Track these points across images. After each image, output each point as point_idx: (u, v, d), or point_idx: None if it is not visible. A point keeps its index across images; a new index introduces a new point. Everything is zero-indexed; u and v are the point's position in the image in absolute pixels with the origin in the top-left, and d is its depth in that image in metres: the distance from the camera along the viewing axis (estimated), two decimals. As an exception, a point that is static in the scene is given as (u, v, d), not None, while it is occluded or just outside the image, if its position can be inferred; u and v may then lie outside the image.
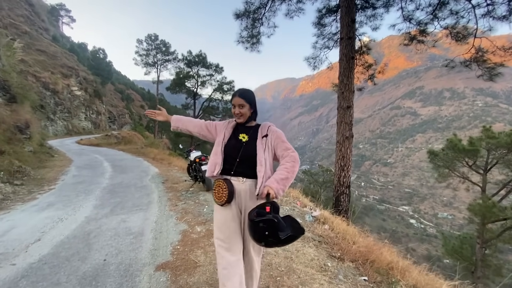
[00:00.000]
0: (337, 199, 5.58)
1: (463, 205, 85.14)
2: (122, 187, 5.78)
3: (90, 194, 5.12)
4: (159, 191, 5.47)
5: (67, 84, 28.32)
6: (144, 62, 31.62)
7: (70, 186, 5.92)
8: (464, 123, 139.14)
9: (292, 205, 4.11)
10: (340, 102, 5.58)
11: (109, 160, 10.46)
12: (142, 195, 5.07)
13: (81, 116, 30.90)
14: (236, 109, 1.66)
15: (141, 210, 4.15)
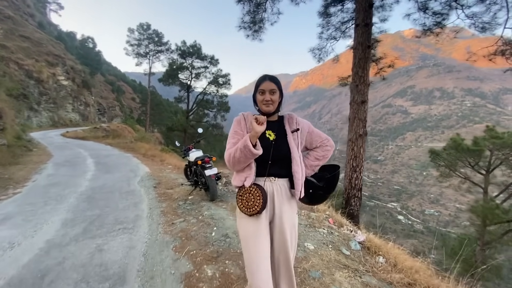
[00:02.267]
0: (347, 203, 5.10)
1: (449, 202, 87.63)
2: (104, 192, 4.78)
3: (62, 202, 4.12)
4: (149, 199, 4.48)
5: (52, 73, 26.87)
6: (135, 53, 30.35)
7: (41, 189, 4.89)
8: (452, 122, 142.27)
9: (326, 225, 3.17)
10: (354, 96, 5.05)
11: (93, 155, 9.40)
12: (128, 205, 4.06)
13: (68, 108, 29.50)
14: (267, 95, 1.40)
15: (125, 230, 3.08)
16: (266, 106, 1.42)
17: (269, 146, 1.38)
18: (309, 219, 3.28)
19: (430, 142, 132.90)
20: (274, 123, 1.49)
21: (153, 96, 43.15)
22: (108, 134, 16.93)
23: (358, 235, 2.66)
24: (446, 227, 73.27)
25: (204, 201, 4.26)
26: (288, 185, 1.43)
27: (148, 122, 35.44)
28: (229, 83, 23.15)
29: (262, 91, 1.42)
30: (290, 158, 1.40)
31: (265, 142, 1.39)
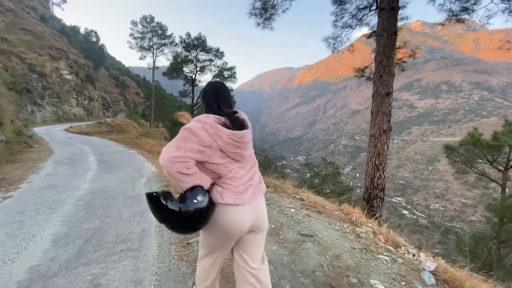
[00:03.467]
0: (368, 204, 4.69)
1: (455, 197, 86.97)
2: (105, 197, 4.21)
3: (56, 210, 3.56)
4: None
5: (56, 67, 26.60)
6: (139, 46, 29.87)
7: (35, 193, 4.33)
8: (459, 116, 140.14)
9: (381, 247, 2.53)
10: (377, 88, 4.57)
11: (96, 152, 8.88)
12: (134, 215, 3.46)
13: (72, 102, 29.32)
14: None
15: (130, 253, 2.45)
16: None
17: None
18: (358, 239, 2.75)
19: (437, 137, 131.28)
20: None
21: (157, 91, 42.83)
22: (113, 129, 16.63)
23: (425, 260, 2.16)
24: (451, 222, 72.90)
25: None
26: None
27: (152, 117, 35.17)
28: (235, 77, 22.66)
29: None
30: None
31: None
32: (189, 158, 1.19)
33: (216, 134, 1.23)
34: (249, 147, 1.36)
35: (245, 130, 1.31)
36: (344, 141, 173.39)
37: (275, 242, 2.66)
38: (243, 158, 1.34)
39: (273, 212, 3.43)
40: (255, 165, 1.44)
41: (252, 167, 1.41)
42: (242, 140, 1.28)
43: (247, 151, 1.34)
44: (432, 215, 79.09)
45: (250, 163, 1.39)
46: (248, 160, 1.38)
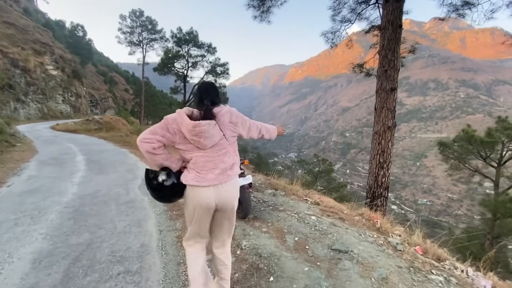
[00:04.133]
0: (372, 202, 4.56)
1: (441, 192, 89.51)
2: (96, 203, 3.72)
3: (39, 221, 3.05)
4: (157, 214, 3.37)
5: (40, 62, 25.50)
6: (128, 41, 29.01)
7: (15, 199, 3.81)
8: (446, 113, 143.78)
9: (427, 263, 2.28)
10: (382, 83, 4.42)
11: (85, 151, 8.29)
12: (130, 225, 3.02)
13: (58, 99, 28.25)
14: None
15: (128, 277, 2.04)
16: None
17: None
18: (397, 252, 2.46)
19: (424, 133, 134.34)
20: None
21: (147, 87, 41.90)
22: (101, 126, 16.01)
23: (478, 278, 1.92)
24: (438, 216, 75.07)
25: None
26: None
27: (142, 114, 34.34)
28: (228, 73, 22.30)
29: None
30: None
31: None
32: (155, 140, 1.47)
33: (181, 123, 1.46)
34: (211, 137, 1.50)
35: (209, 121, 1.48)
36: (335, 138, 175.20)
37: (305, 260, 2.23)
38: (204, 146, 1.51)
39: (292, 221, 3.12)
40: (225, 153, 1.58)
41: (220, 155, 1.56)
42: (198, 129, 1.45)
43: (207, 140, 1.49)
44: (419, 209, 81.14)
45: (216, 152, 1.55)
46: (214, 149, 1.55)
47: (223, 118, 1.55)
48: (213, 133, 1.51)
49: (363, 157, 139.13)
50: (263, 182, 4.84)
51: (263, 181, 4.87)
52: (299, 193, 4.09)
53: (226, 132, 1.57)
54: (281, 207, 3.57)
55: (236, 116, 1.63)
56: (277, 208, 3.52)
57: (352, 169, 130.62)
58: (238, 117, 1.64)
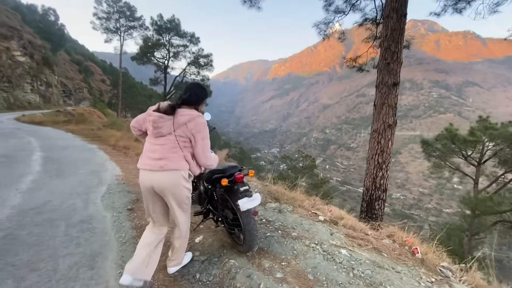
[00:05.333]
0: (369, 206, 4.42)
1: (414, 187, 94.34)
2: (38, 225, 2.90)
3: None
4: (121, 243, 2.58)
5: (6, 47, 23.36)
6: (104, 27, 27.25)
7: None
8: (420, 112, 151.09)
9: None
10: (383, 77, 4.19)
11: (45, 147, 7.30)
12: (77, 267, 2.20)
13: (26, 88, 26.11)
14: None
15: None
16: None
17: None
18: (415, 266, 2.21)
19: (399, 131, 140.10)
20: None
21: (126, 78, 40.02)
22: (71, 118, 14.83)
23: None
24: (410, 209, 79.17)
25: (227, 249, 2.34)
26: None
27: (120, 106, 32.69)
28: (211, 65, 21.65)
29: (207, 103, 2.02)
30: None
31: None
32: (135, 127, 1.92)
33: (148, 114, 1.79)
34: (159, 128, 1.72)
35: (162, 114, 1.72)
36: (316, 134, 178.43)
37: None
38: (152, 134, 1.76)
39: (317, 258, 2.21)
40: (170, 148, 1.74)
41: (163, 146, 1.74)
42: (149, 118, 1.75)
43: (155, 130, 1.73)
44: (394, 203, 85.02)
45: (161, 143, 1.74)
46: (161, 140, 1.75)
47: (181, 118, 1.72)
48: (162, 125, 1.72)
49: (342, 153, 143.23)
50: (261, 190, 4.08)
51: (261, 189, 4.12)
52: (305, 204, 3.54)
53: (177, 130, 1.73)
54: (293, 231, 2.73)
55: (195, 125, 1.74)
56: (288, 234, 2.66)
57: (331, 164, 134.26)
58: (196, 127, 1.74)
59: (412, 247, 2.70)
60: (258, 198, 2.09)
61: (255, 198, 2.07)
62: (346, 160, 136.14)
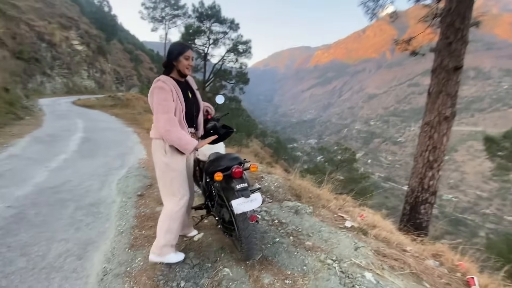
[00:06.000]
0: (413, 210, 3.71)
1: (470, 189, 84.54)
2: (49, 205, 2.90)
3: None
4: (118, 233, 2.40)
5: (66, 37, 25.73)
6: (150, 17, 28.63)
7: None
8: (485, 105, 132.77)
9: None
10: (442, 60, 3.36)
11: (88, 129, 7.76)
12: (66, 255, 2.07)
13: (83, 74, 28.69)
14: (190, 61, 1.77)
15: None
16: (188, 70, 1.81)
17: (193, 103, 1.84)
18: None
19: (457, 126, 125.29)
20: (185, 83, 1.86)
21: (169, 66, 41.78)
22: (118, 103, 15.84)
23: None
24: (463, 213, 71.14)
25: (226, 254, 2.01)
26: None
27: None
28: (250, 51, 21.21)
29: (188, 57, 1.75)
30: (200, 109, 1.95)
31: (189, 99, 1.82)
32: None
33: None
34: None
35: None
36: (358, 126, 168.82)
37: None
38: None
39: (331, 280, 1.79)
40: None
41: None
42: None
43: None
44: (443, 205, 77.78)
45: None
46: None
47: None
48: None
49: (387, 147, 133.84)
50: (282, 184, 3.58)
51: (282, 184, 3.62)
52: (331, 205, 2.96)
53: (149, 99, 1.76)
54: (308, 239, 2.26)
55: (150, 91, 1.71)
56: (301, 242, 2.21)
57: (374, 159, 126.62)
58: (151, 93, 1.70)
59: (467, 275, 2.01)
60: (257, 200, 1.69)
61: (254, 199, 1.67)
62: (392, 155, 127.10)
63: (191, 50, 1.78)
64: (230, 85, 24.34)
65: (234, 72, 23.52)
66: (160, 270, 1.81)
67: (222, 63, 23.63)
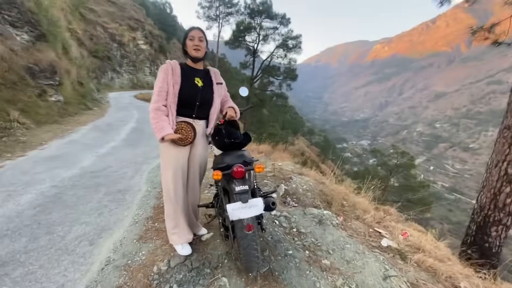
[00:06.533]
0: (481, 231, 3.00)
1: None
2: (85, 188, 3.14)
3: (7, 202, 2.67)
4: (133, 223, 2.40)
5: (133, 37, 28.66)
6: (206, 16, 29.91)
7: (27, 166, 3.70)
8: None
9: None
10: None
11: (140, 120, 8.38)
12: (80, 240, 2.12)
13: (146, 71, 31.66)
14: (196, 41, 1.67)
15: None
16: (196, 51, 1.67)
17: (197, 91, 1.70)
18: None
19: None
20: (201, 72, 1.77)
21: (221, 63, 43.41)
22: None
23: None
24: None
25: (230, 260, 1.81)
26: (204, 126, 1.81)
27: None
28: (300, 47, 20.56)
29: (192, 38, 1.67)
30: (212, 103, 1.78)
31: (194, 87, 1.70)
32: None
33: None
34: None
35: None
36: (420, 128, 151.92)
37: None
38: None
39: None
40: None
41: None
42: None
43: None
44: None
45: None
46: None
47: None
48: None
49: (454, 154, 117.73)
50: (312, 188, 3.20)
51: (312, 187, 3.23)
52: (367, 217, 2.49)
53: None
54: (326, 256, 1.90)
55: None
56: (317, 259, 1.86)
57: (438, 166, 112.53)
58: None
59: None
60: (258, 206, 1.44)
61: (254, 206, 1.43)
62: (460, 164, 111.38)
63: (198, 31, 1.69)
64: (277, 82, 24.09)
65: (282, 68, 23.18)
66: (158, 269, 1.71)
67: (270, 59, 23.47)
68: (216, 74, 1.86)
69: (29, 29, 7.89)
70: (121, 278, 1.66)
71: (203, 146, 1.84)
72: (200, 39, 1.67)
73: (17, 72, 6.50)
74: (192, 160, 1.80)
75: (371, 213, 2.64)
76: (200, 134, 1.76)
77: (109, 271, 1.74)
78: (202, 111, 1.74)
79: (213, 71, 1.86)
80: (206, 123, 1.81)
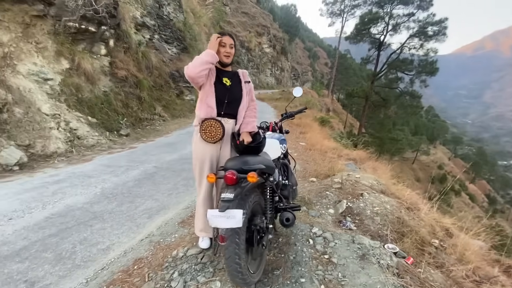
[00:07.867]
0: None
1: None
2: (174, 172, 3.77)
3: (124, 173, 3.60)
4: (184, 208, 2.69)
5: (259, 42, 31.72)
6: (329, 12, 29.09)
7: (150, 148, 4.86)
8: None
9: None
10: None
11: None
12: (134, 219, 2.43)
13: (267, 72, 34.39)
14: (227, 48, 1.74)
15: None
16: (226, 57, 1.76)
17: (226, 90, 1.76)
18: None
19: None
20: (229, 73, 1.87)
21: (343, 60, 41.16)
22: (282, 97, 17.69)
23: None
24: None
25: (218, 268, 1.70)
26: (233, 125, 1.83)
27: (332, 86, 34.60)
28: (444, 33, 16.65)
29: (224, 44, 1.72)
30: (240, 100, 1.82)
31: (223, 86, 1.77)
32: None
33: None
34: None
35: None
36: None
37: None
38: None
39: None
40: None
41: None
42: None
43: None
44: None
45: None
46: None
47: None
48: None
49: None
50: (386, 212, 2.42)
51: (388, 211, 2.44)
52: (459, 271, 1.66)
53: None
54: None
55: None
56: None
57: None
58: None
59: None
60: (235, 219, 1.28)
61: (231, 217, 1.28)
62: None
63: (230, 38, 1.74)
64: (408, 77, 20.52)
65: (415, 61, 19.49)
66: (176, 253, 1.81)
67: (400, 51, 20.24)
68: (244, 74, 1.94)
69: (177, 44, 10.25)
70: (147, 252, 1.86)
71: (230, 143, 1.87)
72: (231, 46, 1.74)
73: (164, 78, 8.58)
74: (221, 162, 1.80)
75: (472, 264, 1.75)
76: (229, 134, 1.78)
77: (144, 243, 1.99)
78: (230, 108, 1.77)
79: (241, 72, 1.95)
80: (235, 123, 1.82)
